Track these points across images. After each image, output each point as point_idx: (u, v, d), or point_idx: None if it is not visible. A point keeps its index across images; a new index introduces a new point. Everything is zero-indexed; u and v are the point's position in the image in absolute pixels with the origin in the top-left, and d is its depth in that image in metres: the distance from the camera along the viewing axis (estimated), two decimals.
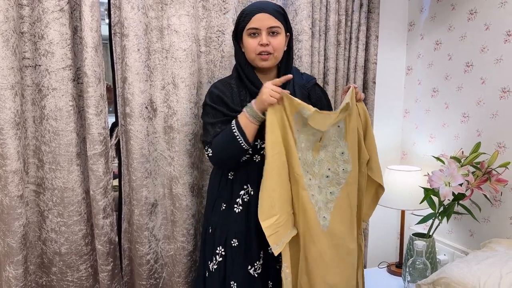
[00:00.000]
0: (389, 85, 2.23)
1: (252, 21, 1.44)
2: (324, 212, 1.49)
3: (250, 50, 1.47)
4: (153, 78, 1.70)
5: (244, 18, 1.47)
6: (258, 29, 1.44)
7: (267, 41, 1.44)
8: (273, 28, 1.45)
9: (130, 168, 1.70)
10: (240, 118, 1.42)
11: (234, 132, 1.41)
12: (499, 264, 1.38)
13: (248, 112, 1.40)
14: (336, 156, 1.50)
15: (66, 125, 1.59)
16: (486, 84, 1.82)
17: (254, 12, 1.45)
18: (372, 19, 2.02)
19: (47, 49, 1.53)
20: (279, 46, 1.48)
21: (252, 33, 1.46)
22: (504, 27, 1.73)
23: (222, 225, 1.53)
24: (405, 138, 2.28)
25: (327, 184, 1.50)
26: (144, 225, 1.74)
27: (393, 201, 1.96)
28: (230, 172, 1.54)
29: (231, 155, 1.44)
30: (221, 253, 1.52)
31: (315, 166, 1.48)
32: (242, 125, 1.40)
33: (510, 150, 1.73)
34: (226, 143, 1.43)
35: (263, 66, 1.49)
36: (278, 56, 1.49)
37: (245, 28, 1.46)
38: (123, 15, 1.61)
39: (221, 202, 1.55)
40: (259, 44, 1.45)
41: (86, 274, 1.71)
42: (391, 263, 2.09)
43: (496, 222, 1.79)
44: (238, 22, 1.50)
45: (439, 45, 2.05)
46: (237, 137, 1.40)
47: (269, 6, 1.47)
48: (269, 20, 1.44)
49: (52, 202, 1.63)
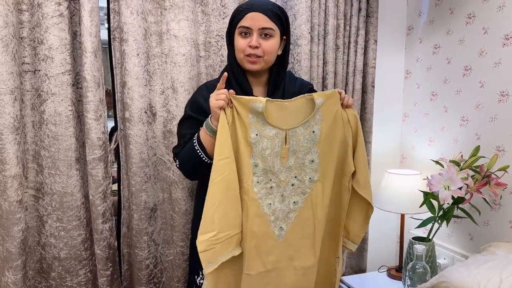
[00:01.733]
0: (388, 89, 2.24)
1: (245, 19, 1.36)
2: (282, 222, 1.39)
3: (239, 49, 1.38)
4: (153, 83, 1.70)
5: (238, 14, 1.38)
6: (249, 29, 1.36)
7: (257, 43, 1.36)
8: (265, 30, 1.36)
9: (130, 173, 1.70)
10: (200, 132, 1.35)
11: (195, 145, 1.35)
12: (499, 268, 1.38)
13: (205, 125, 1.33)
14: (305, 163, 1.37)
15: (65, 130, 1.59)
16: (484, 87, 1.82)
17: (249, 9, 1.36)
18: (370, 24, 2.03)
19: (46, 54, 1.54)
20: (271, 50, 1.39)
21: (243, 32, 1.37)
22: (502, 31, 1.74)
23: None
24: (404, 141, 2.28)
25: (291, 192, 1.38)
26: (144, 230, 1.73)
27: (392, 205, 1.96)
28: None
29: (195, 168, 1.39)
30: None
31: (282, 174, 1.36)
32: (201, 139, 1.34)
33: (509, 153, 1.73)
34: (189, 157, 1.38)
35: (250, 69, 1.41)
36: (268, 60, 1.41)
37: (237, 26, 1.38)
38: (123, 20, 1.62)
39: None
40: (249, 45, 1.36)
41: (85, 279, 1.70)
42: (391, 267, 2.08)
43: (495, 226, 1.79)
44: (232, 18, 1.41)
45: (437, 49, 2.05)
46: (198, 151, 1.35)
47: (265, 5, 1.37)
48: (262, 20, 1.35)
49: (51, 207, 1.63)
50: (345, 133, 1.38)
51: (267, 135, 1.32)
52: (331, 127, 1.37)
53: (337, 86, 1.98)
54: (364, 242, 2.17)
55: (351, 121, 1.39)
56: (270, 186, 1.36)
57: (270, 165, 1.34)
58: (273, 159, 1.34)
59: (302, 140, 1.35)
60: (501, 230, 1.77)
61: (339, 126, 1.37)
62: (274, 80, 1.47)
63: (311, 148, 1.37)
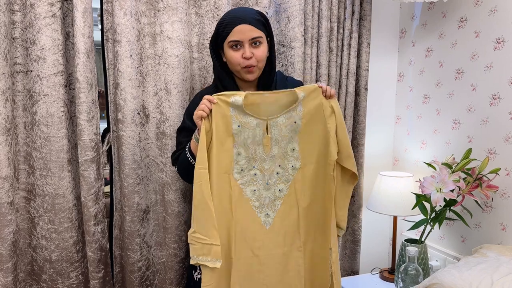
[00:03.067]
0: (381, 92, 2.25)
1: (233, 33, 1.40)
2: (268, 209, 1.46)
3: (234, 63, 1.44)
4: (146, 84, 1.69)
5: (224, 28, 1.42)
6: (240, 42, 1.41)
7: (251, 53, 1.41)
8: (255, 39, 1.41)
9: (122, 174, 1.69)
10: (191, 142, 1.44)
11: (186, 154, 1.44)
12: (490, 270, 1.39)
13: (194, 136, 1.42)
14: (288, 152, 1.45)
15: (57, 131, 1.58)
16: (476, 90, 1.83)
17: (235, 23, 1.40)
18: (364, 27, 2.04)
19: (38, 54, 1.53)
20: (263, 57, 1.45)
21: (234, 45, 1.42)
22: (494, 35, 1.75)
23: None
24: (397, 144, 2.29)
25: (276, 181, 1.46)
26: (136, 232, 1.72)
27: (385, 207, 1.97)
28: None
29: (189, 173, 1.42)
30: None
31: (266, 162, 1.44)
32: (192, 148, 1.42)
33: (501, 156, 1.74)
34: (183, 164, 1.47)
35: (248, 79, 1.47)
36: (261, 66, 1.47)
37: (225, 40, 1.42)
38: (116, 21, 1.61)
39: None
40: (243, 57, 1.41)
41: (77, 282, 1.69)
42: (384, 269, 2.09)
43: (487, 228, 1.80)
44: (217, 32, 1.45)
45: (430, 52, 2.07)
46: (189, 159, 1.43)
47: (249, 15, 1.42)
48: (251, 31, 1.40)
49: (42, 209, 1.62)
50: (328, 124, 1.44)
51: (249, 126, 1.41)
52: (312, 118, 1.44)
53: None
54: (357, 244, 2.17)
55: (335, 110, 1.44)
56: (254, 173, 1.44)
57: (252, 153, 1.43)
58: (255, 147, 1.43)
59: (284, 130, 1.43)
60: (492, 232, 1.78)
61: (320, 117, 1.44)
62: (264, 81, 1.52)
63: (293, 137, 1.45)
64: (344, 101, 2.03)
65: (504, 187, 1.72)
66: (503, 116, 1.73)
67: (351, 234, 2.18)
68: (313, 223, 1.50)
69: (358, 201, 2.15)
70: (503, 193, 1.73)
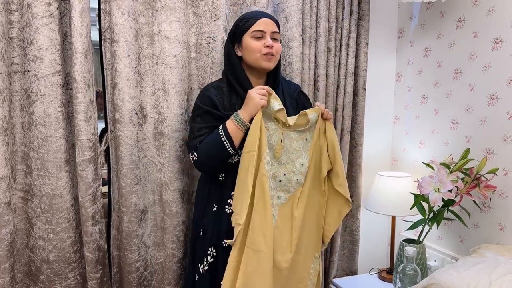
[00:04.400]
0: (379, 92, 2.25)
1: (258, 24, 1.52)
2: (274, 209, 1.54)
3: (255, 50, 1.52)
4: (143, 84, 1.69)
5: (247, 21, 1.53)
6: (263, 32, 1.52)
7: (272, 43, 1.52)
8: (275, 34, 1.55)
9: (120, 175, 1.69)
10: (228, 125, 1.48)
11: (222, 137, 1.47)
12: (488, 270, 1.39)
13: (236, 120, 1.47)
14: (296, 165, 1.55)
15: (55, 131, 1.57)
16: (474, 91, 1.83)
17: (259, 16, 1.54)
18: (362, 27, 2.04)
19: (36, 54, 1.52)
20: (279, 50, 1.57)
21: (257, 36, 1.52)
22: (492, 35, 1.75)
23: (213, 226, 1.55)
24: (395, 144, 2.29)
25: (277, 187, 1.55)
26: (134, 232, 1.72)
27: (383, 207, 1.97)
28: (221, 174, 1.57)
29: (216, 159, 1.50)
30: (213, 253, 1.55)
31: (273, 166, 1.53)
32: (230, 131, 1.47)
33: (499, 156, 1.74)
34: (212, 148, 1.49)
35: (267, 67, 1.55)
36: (277, 58, 1.58)
37: (248, 30, 1.52)
38: (113, 21, 1.61)
39: (212, 204, 1.58)
40: (265, 45, 1.51)
41: (74, 282, 1.68)
42: (382, 269, 2.09)
43: (485, 228, 1.81)
44: (237, 25, 1.56)
45: (428, 52, 2.07)
46: (225, 143, 1.46)
47: (269, 14, 1.58)
48: (273, 25, 1.54)
49: (40, 209, 1.61)
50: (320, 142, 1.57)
51: (269, 129, 1.52)
52: (318, 137, 1.57)
53: (329, 88, 1.99)
54: (355, 244, 2.17)
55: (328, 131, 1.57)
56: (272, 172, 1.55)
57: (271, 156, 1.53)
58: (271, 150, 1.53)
59: (295, 144, 1.55)
60: (490, 232, 1.78)
61: (321, 136, 1.58)
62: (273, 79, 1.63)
63: (303, 153, 1.56)
64: (342, 101, 2.03)
65: (502, 187, 1.72)
66: (501, 116, 1.73)
67: (350, 234, 2.18)
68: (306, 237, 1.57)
69: (357, 201, 2.15)
70: (501, 193, 1.73)
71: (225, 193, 1.56)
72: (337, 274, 2.17)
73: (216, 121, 1.52)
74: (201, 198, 1.63)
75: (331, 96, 1.99)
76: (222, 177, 1.57)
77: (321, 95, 1.96)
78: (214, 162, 1.51)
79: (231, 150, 1.47)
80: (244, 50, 1.55)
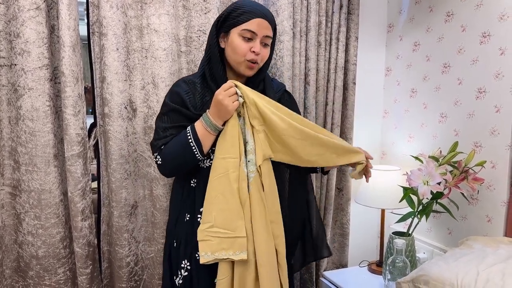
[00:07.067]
0: (369, 86, 2.26)
1: (252, 23, 1.34)
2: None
3: (239, 53, 1.35)
4: (133, 78, 1.67)
5: (241, 14, 1.34)
6: (254, 34, 1.34)
7: (260, 50, 1.36)
8: (266, 39, 1.38)
9: (109, 169, 1.68)
10: (197, 128, 1.33)
11: (189, 141, 1.32)
12: (476, 261, 1.41)
13: (206, 123, 1.32)
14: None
15: (43, 126, 1.56)
16: (462, 84, 1.85)
17: (256, 14, 1.34)
18: (351, 21, 2.04)
19: (23, 48, 1.50)
20: (265, 58, 1.41)
21: (246, 36, 1.35)
22: (480, 29, 1.77)
23: (186, 238, 1.42)
24: (385, 138, 2.31)
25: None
26: (124, 227, 1.71)
27: (373, 200, 1.98)
28: (192, 180, 1.43)
29: (182, 164, 1.36)
30: (186, 267, 1.42)
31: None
32: (199, 135, 1.32)
33: (486, 149, 1.76)
34: (178, 152, 1.34)
35: (246, 75, 1.41)
36: (260, 66, 1.42)
37: (238, 26, 1.34)
38: (102, 14, 1.59)
39: (185, 213, 1.44)
40: (251, 50, 1.35)
41: (64, 278, 1.67)
42: (372, 262, 2.11)
43: (473, 220, 1.83)
44: (229, 14, 1.36)
45: (417, 46, 2.08)
46: (193, 147, 1.32)
47: (269, 14, 1.40)
48: (267, 29, 1.37)
49: (28, 205, 1.60)
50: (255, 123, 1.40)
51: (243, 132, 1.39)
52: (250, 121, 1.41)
53: (319, 82, 1.99)
54: (345, 237, 2.19)
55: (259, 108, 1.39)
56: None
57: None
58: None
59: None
60: (478, 224, 1.81)
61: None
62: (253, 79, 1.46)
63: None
64: (333, 95, 2.03)
65: (489, 180, 1.74)
66: (488, 109, 1.75)
67: (340, 228, 2.19)
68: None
69: (346, 194, 2.16)
70: (488, 185, 1.75)
71: (197, 201, 1.40)
72: (327, 267, 2.19)
73: (185, 121, 1.36)
74: (174, 204, 1.50)
75: (322, 90, 2.00)
76: (194, 183, 1.42)
77: (311, 89, 1.96)
78: (179, 168, 1.37)
79: (199, 155, 1.33)
80: (228, 45, 1.37)
